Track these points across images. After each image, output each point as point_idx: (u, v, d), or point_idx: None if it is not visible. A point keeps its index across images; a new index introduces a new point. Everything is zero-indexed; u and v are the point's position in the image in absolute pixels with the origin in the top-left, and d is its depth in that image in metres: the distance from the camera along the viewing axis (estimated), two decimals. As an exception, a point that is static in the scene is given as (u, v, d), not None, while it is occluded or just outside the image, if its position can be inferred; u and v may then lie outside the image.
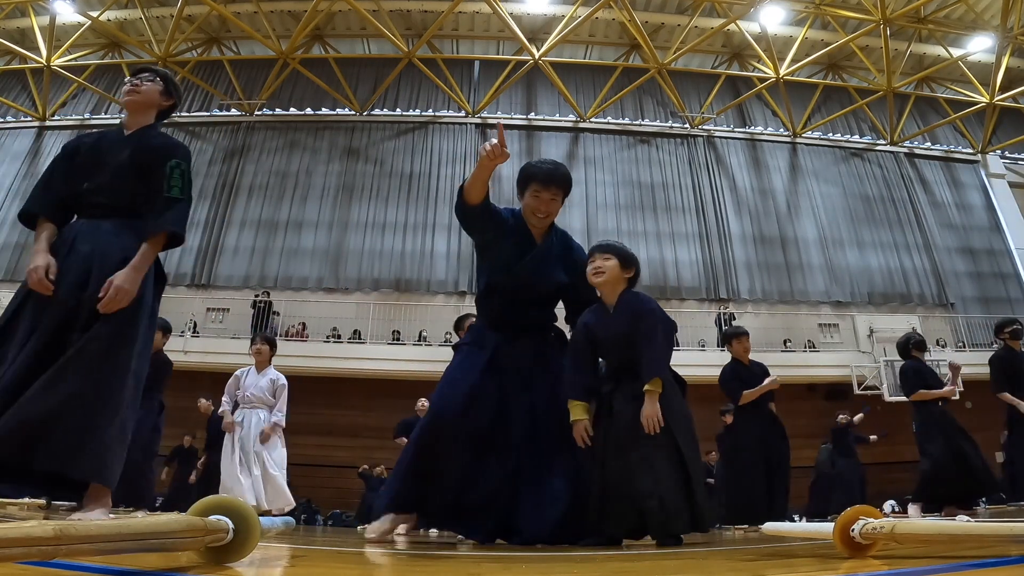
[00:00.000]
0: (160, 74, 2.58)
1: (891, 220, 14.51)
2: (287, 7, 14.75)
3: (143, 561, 1.03)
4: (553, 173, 2.63)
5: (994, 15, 13.97)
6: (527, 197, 2.63)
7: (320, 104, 15.01)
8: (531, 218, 2.65)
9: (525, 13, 14.84)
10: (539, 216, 2.63)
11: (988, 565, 1.09)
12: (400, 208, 13.78)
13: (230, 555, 1.12)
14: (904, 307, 13.39)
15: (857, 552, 1.35)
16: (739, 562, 1.65)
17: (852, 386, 11.20)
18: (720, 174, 14.67)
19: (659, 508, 2.27)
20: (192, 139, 14.81)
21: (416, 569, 1.46)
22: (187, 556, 1.13)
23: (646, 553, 1.99)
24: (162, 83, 2.55)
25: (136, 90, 2.49)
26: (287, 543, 2.12)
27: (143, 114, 2.51)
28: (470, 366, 2.58)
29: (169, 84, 2.58)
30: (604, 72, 15.33)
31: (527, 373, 2.58)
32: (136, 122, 2.49)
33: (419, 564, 1.63)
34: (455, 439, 2.43)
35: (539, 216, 2.63)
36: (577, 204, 14.01)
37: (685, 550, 2.14)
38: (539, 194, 2.60)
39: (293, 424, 9.88)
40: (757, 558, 1.71)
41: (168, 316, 12.49)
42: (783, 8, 14.15)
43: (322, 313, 12.52)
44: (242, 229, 13.66)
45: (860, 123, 15.74)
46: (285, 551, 1.77)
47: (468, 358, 2.62)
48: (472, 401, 2.47)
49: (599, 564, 1.58)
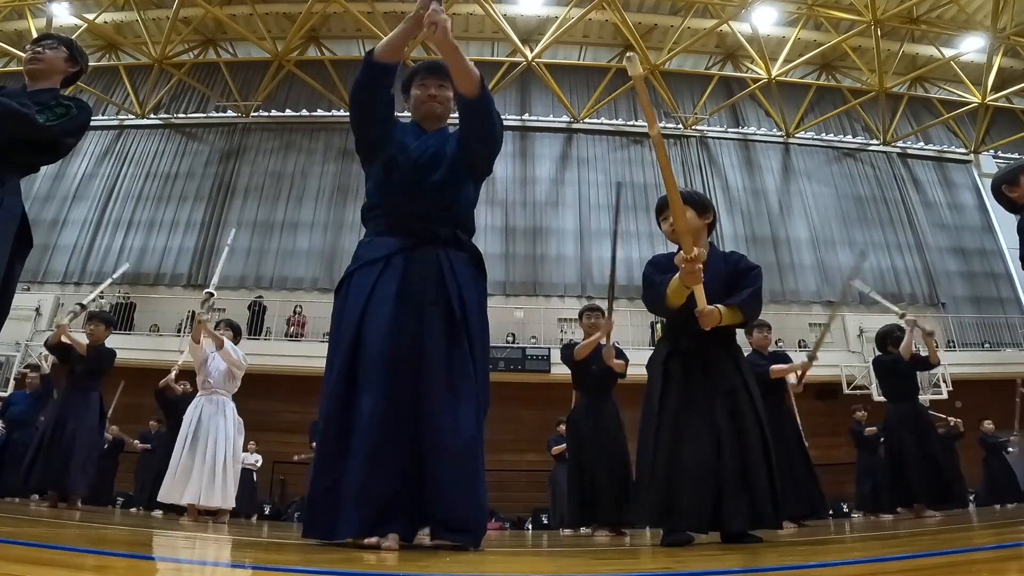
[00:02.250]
0: (64, 41, 2.51)
1: (883, 220, 14.59)
2: (282, 9, 14.82)
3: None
4: (437, 61, 2.25)
5: (986, 15, 14.04)
6: (413, 89, 2.28)
7: (315, 105, 15.10)
8: (419, 108, 2.26)
9: (518, 15, 14.92)
10: (426, 103, 2.25)
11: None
12: (395, 209, 13.85)
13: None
14: (895, 306, 13.45)
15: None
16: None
17: (842, 386, 11.29)
18: (713, 174, 14.76)
19: (762, 496, 2.07)
20: (188, 140, 14.92)
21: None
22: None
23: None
24: (66, 50, 2.49)
25: (38, 57, 2.43)
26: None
27: (45, 80, 2.45)
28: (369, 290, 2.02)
29: (74, 50, 2.51)
30: (597, 73, 15.41)
31: (421, 293, 2.01)
32: (38, 86, 2.43)
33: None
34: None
35: (426, 103, 2.25)
36: (570, 204, 14.12)
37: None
38: (425, 81, 2.26)
39: (288, 423, 10.07)
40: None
41: (164, 316, 12.73)
42: (775, 9, 14.24)
43: (317, 313, 12.62)
44: (238, 230, 13.71)
45: (853, 123, 15.81)
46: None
47: (372, 280, 2.03)
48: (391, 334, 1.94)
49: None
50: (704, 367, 2.29)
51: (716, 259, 2.47)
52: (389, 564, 1.30)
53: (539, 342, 11.97)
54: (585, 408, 4.54)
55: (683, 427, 2.21)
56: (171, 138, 14.86)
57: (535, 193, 14.24)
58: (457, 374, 1.94)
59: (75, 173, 14.17)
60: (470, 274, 2.11)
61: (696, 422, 2.20)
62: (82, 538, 1.53)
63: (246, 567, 1.20)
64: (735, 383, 2.28)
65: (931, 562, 1.13)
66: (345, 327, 1.99)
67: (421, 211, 2.09)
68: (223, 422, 4.87)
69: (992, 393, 10.54)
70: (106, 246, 13.51)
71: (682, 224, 2.09)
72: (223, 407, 4.96)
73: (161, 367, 9.83)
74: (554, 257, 13.50)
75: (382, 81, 2.14)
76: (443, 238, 2.08)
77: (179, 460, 4.71)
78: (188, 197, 13.99)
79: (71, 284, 13.05)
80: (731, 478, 2.10)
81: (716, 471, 2.11)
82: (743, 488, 2.09)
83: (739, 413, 2.21)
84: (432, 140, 2.20)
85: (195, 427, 4.79)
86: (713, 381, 2.27)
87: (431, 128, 2.26)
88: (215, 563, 1.27)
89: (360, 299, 1.99)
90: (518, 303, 12.63)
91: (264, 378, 9.39)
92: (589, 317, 4.71)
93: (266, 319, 12.37)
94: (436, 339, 1.95)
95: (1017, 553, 1.16)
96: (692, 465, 2.13)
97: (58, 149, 2.33)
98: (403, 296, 1.98)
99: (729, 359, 2.35)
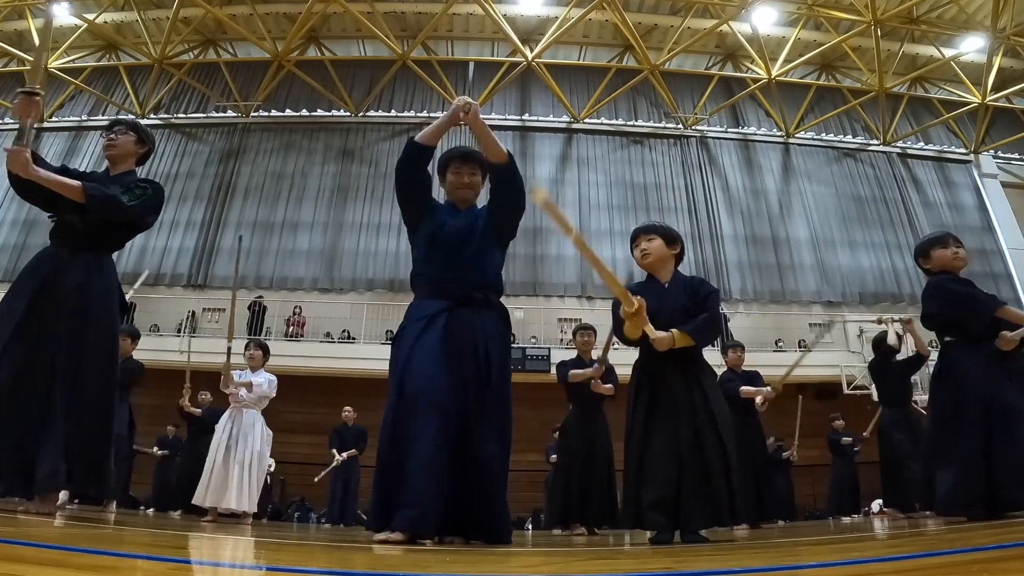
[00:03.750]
0: (131, 125, 2.86)
1: (883, 220, 14.59)
2: (282, 9, 14.83)
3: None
4: (469, 150, 2.75)
5: (986, 15, 14.04)
6: (449, 175, 2.71)
7: (315, 106, 15.10)
8: (454, 193, 2.71)
9: (519, 15, 14.93)
10: (460, 189, 2.68)
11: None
12: (395, 209, 13.78)
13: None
14: (895, 307, 13.46)
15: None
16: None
17: (842, 386, 11.30)
18: (713, 174, 14.76)
19: (719, 501, 2.35)
20: (188, 140, 14.92)
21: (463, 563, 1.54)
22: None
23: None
24: (135, 134, 2.83)
25: (113, 144, 2.78)
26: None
27: (123, 164, 2.81)
28: (424, 341, 2.45)
29: (141, 133, 2.86)
30: (598, 73, 15.42)
31: (472, 345, 2.48)
32: (118, 170, 2.79)
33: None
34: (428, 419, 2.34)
35: (460, 189, 2.68)
36: (570, 205, 14.11)
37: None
38: (459, 169, 2.68)
39: (288, 423, 10.07)
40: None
41: (165, 316, 12.73)
42: (775, 9, 14.24)
43: (317, 313, 12.64)
44: (238, 230, 13.73)
45: (853, 123, 15.81)
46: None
47: (417, 334, 2.47)
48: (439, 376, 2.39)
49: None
50: (668, 387, 2.55)
51: (680, 287, 2.72)
52: (389, 564, 1.30)
53: (539, 342, 11.97)
54: (576, 420, 4.84)
55: (650, 441, 2.50)
56: (171, 138, 14.86)
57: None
58: (487, 408, 2.42)
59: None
60: (497, 331, 2.58)
61: (660, 437, 2.47)
62: (82, 538, 1.54)
63: (246, 567, 1.20)
64: (696, 401, 2.51)
65: (931, 562, 1.13)
66: (394, 371, 2.43)
67: (459, 278, 2.54)
68: (253, 436, 5.15)
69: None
70: (106, 246, 13.51)
71: (617, 289, 2.41)
72: (254, 420, 5.23)
73: (161, 367, 9.85)
74: (554, 257, 13.50)
75: (422, 160, 2.62)
76: (476, 300, 2.52)
77: (212, 468, 4.99)
78: (188, 197, 13.99)
79: (71, 284, 13.05)
80: (690, 487, 2.37)
81: (677, 483, 2.39)
82: (699, 494, 2.36)
83: (699, 430, 2.45)
84: (465, 217, 2.64)
85: (227, 438, 5.06)
86: (674, 400, 2.52)
87: (463, 208, 2.70)
88: (215, 563, 1.27)
89: (405, 350, 2.42)
90: (518, 303, 12.62)
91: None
92: (582, 335, 4.98)
93: (266, 319, 12.38)
94: (470, 382, 2.41)
95: (1017, 553, 1.16)
96: (657, 476, 2.42)
97: (140, 226, 2.70)
98: (445, 347, 2.40)
99: (691, 379, 2.57)
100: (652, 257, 2.73)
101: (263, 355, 5.47)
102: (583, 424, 4.77)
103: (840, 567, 1.13)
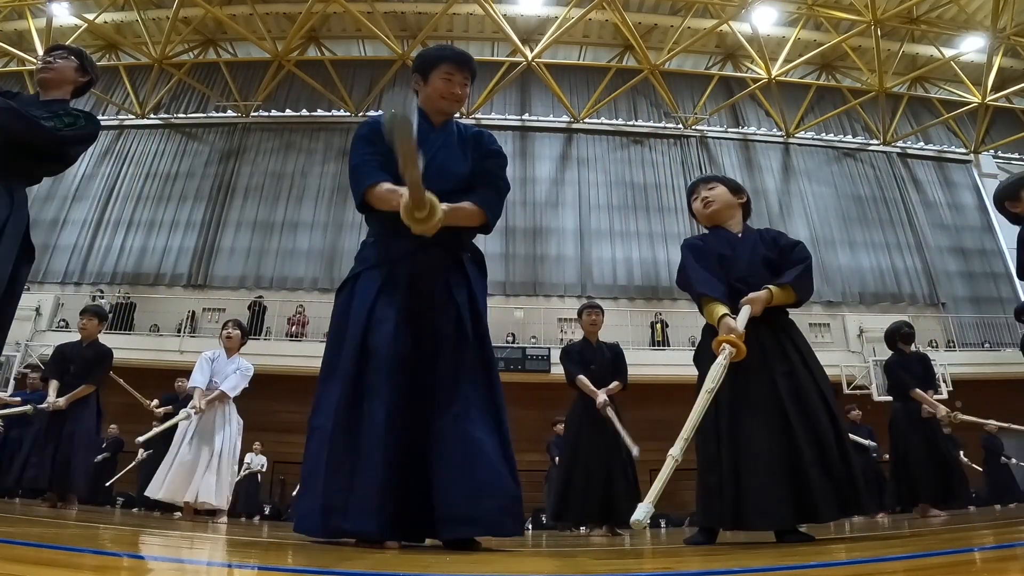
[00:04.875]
0: (74, 51, 2.56)
1: (883, 220, 14.59)
2: (282, 9, 14.83)
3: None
4: (467, 56, 2.19)
5: (986, 15, 14.04)
6: (435, 80, 2.13)
7: (315, 105, 15.10)
8: (438, 103, 2.14)
9: (518, 15, 14.93)
10: (448, 101, 2.14)
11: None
12: (395, 209, 13.87)
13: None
14: (895, 307, 13.48)
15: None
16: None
17: (842, 385, 11.30)
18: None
19: (844, 480, 1.95)
20: (188, 140, 14.93)
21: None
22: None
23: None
24: (76, 60, 2.53)
25: (49, 67, 2.47)
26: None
27: (56, 90, 2.49)
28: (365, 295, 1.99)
29: (84, 60, 2.56)
30: (597, 73, 15.42)
31: (430, 296, 2.00)
32: (50, 96, 2.48)
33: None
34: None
35: (448, 101, 2.14)
36: (570, 204, 14.13)
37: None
38: (452, 76, 2.13)
39: (288, 423, 10.06)
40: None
41: (165, 315, 12.74)
42: (775, 9, 14.24)
43: (317, 313, 12.63)
44: (238, 230, 13.77)
45: (853, 123, 15.82)
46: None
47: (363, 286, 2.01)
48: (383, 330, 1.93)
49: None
50: (760, 350, 2.11)
51: (753, 240, 2.36)
52: (389, 564, 1.30)
53: (539, 342, 11.97)
54: (583, 407, 4.52)
55: (745, 419, 2.06)
56: (171, 138, 14.87)
57: (535, 193, 14.26)
58: (464, 376, 1.93)
59: (75, 173, 14.17)
60: (473, 273, 2.09)
61: (759, 412, 2.05)
62: (82, 538, 1.54)
63: (247, 567, 1.20)
64: (793, 361, 2.15)
65: (931, 562, 1.13)
66: (351, 332, 1.95)
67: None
68: (224, 421, 4.79)
69: (992, 393, 10.54)
70: (106, 246, 13.53)
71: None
72: (228, 411, 4.88)
73: (161, 367, 9.86)
74: (554, 257, 13.50)
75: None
76: (447, 240, 1.98)
77: (174, 457, 4.59)
78: (188, 197, 14.00)
79: (71, 284, 13.07)
80: (811, 464, 1.95)
81: (791, 458, 1.97)
82: (824, 474, 1.95)
83: (802, 392, 2.08)
84: (438, 141, 2.11)
85: (195, 424, 4.67)
86: (770, 364, 2.12)
87: (438, 122, 2.17)
88: (216, 564, 1.27)
89: (365, 304, 1.95)
90: (518, 303, 12.63)
91: (264, 378, 9.28)
92: (589, 314, 4.67)
93: (266, 319, 12.39)
94: (445, 342, 1.94)
95: (1017, 553, 1.16)
96: (763, 457, 1.97)
97: (63, 158, 2.37)
98: (409, 301, 1.95)
99: (785, 338, 2.20)
100: (717, 203, 2.38)
101: (241, 335, 5.04)
102: (589, 411, 4.41)
103: (840, 567, 1.12)
